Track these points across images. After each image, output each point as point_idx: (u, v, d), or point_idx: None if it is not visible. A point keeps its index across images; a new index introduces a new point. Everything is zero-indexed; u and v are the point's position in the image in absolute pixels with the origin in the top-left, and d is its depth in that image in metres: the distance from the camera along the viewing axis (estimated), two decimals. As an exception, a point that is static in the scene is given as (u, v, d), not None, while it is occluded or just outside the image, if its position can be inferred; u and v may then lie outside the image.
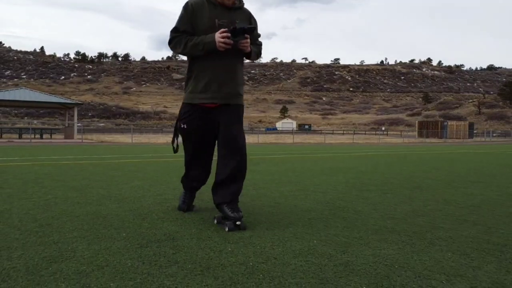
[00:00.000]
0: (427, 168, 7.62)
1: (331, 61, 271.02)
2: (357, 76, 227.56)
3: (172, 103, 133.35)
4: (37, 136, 27.32)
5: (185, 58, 2.76)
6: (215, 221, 2.63)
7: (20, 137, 26.46)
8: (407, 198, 3.98)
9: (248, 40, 2.51)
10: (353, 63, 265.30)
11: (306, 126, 74.94)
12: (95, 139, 26.39)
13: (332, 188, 4.60)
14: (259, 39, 2.88)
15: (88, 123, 74.59)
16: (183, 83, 2.90)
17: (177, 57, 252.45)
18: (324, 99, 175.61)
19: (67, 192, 4.03)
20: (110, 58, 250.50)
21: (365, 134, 55.47)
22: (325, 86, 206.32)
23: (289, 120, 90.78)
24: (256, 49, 2.77)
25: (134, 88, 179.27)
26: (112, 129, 62.01)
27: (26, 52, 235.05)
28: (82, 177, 5.34)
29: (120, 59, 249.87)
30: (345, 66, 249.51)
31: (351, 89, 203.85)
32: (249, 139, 33.58)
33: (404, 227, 2.71)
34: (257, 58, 2.83)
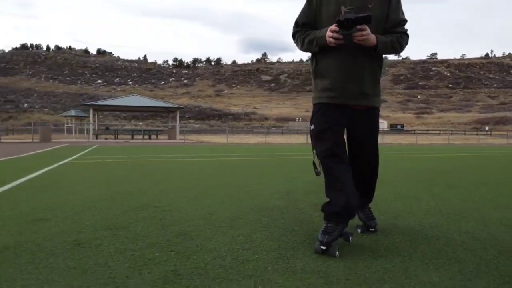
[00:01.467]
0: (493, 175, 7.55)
1: (427, 56, 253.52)
2: (457, 71, 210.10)
3: (261, 104, 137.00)
4: (146, 136, 30.78)
5: (273, 59, 2.62)
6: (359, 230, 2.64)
7: (132, 138, 30.09)
8: None
9: (365, 31, 2.10)
10: (452, 58, 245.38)
11: (398, 126, 71.79)
12: (195, 140, 28.91)
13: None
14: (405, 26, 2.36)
15: (185, 124, 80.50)
16: (272, 84, 2.77)
17: (265, 59, 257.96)
18: (419, 97, 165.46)
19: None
20: (204, 63, 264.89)
21: (464, 134, 51.63)
22: (420, 83, 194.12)
23: (380, 120, 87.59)
24: (391, 39, 2.27)
25: (226, 91, 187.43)
26: (207, 130, 66.06)
27: (131, 61, 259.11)
28: (232, 171, 6.55)
29: (212, 63, 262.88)
30: (444, 61, 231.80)
31: (450, 85, 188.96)
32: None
33: None
34: (395, 51, 2.31)
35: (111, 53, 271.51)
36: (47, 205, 3.58)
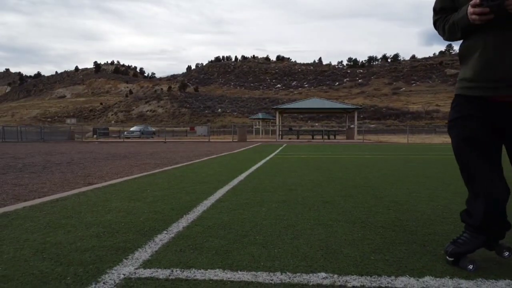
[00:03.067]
0: None
1: None
2: None
3: (445, 101, 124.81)
4: (325, 136, 32.62)
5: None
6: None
7: (312, 138, 32.35)
8: None
9: None
10: None
11: None
12: (373, 139, 29.22)
13: None
14: None
15: (361, 124, 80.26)
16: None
17: (451, 51, 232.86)
18: None
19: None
20: (380, 60, 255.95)
21: None
22: None
23: None
24: None
25: (404, 88, 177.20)
26: (383, 130, 64.37)
27: (307, 64, 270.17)
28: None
29: (389, 60, 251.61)
30: None
31: None
32: None
33: None
34: None
35: (289, 58, 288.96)
36: (290, 182, 5.11)
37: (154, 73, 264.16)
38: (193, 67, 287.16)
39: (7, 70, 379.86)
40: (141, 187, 4.71)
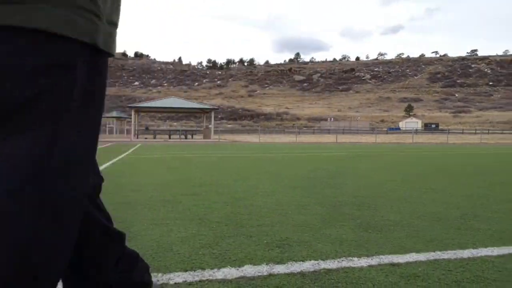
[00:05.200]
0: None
1: (467, 53, 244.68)
2: (498, 68, 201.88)
3: (293, 104, 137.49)
4: (182, 136, 32.59)
5: (307, 59, 1.92)
6: None
7: (169, 137, 31.98)
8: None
9: None
10: (494, 54, 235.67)
11: (433, 126, 70.69)
12: (228, 139, 30.39)
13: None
14: None
15: (218, 124, 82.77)
16: (305, 84, 1.81)
17: (298, 59, 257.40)
18: (456, 95, 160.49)
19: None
20: (237, 63, 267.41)
21: (501, 133, 50.46)
22: (458, 81, 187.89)
23: (414, 119, 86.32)
24: None
25: (258, 91, 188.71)
26: (239, 130, 67.48)
27: (167, 63, 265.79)
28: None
29: (245, 64, 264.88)
30: (484, 58, 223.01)
31: (490, 83, 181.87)
32: (368, 139, 34.17)
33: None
34: None
35: (148, 55, 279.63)
36: (136, 183, 4.94)
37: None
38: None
39: None
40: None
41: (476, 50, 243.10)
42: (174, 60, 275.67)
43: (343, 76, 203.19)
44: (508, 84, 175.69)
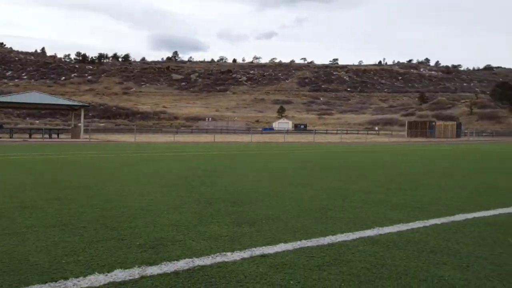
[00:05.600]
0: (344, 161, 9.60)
1: (330, 61, 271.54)
2: (355, 76, 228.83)
3: (171, 103, 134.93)
4: (45, 135, 29.28)
5: (185, 58, 2.02)
6: None
7: (30, 137, 28.42)
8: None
9: None
10: (351, 63, 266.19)
11: (302, 126, 76.84)
12: (100, 139, 28.34)
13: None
14: None
15: (89, 123, 76.54)
16: (183, 83, 1.95)
17: (176, 58, 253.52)
18: (321, 99, 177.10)
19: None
20: (110, 59, 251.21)
21: (357, 133, 57.37)
22: (323, 86, 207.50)
23: (285, 120, 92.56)
24: None
25: (134, 89, 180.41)
26: (113, 129, 63.60)
27: (27, 53, 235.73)
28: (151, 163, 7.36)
29: (120, 59, 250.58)
30: (343, 67, 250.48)
31: (348, 89, 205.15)
32: (244, 138, 35.47)
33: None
34: None
35: (2, 43, 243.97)
36: (-20, 189, 4.26)
37: None
38: None
39: None
40: None
41: (337, 59, 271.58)
42: (36, 51, 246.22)
43: (221, 77, 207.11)
44: (362, 91, 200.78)
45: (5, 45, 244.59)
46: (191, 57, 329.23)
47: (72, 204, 3.49)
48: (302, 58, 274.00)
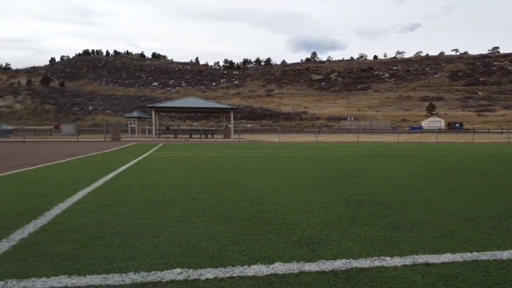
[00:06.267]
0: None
1: (489, 50, 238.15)
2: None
3: (312, 104, 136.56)
4: (203, 136, 32.78)
5: (323, 58, 2.00)
6: None
7: (190, 137, 32.19)
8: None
9: None
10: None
11: (457, 125, 69.17)
12: (248, 139, 30.38)
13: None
14: None
15: (237, 124, 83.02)
16: (323, 83, 1.99)
17: (315, 58, 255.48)
18: (480, 94, 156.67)
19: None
20: (254, 63, 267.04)
21: (528, 132, 48.90)
22: (481, 79, 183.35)
23: (437, 119, 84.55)
24: None
25: (276, 91, 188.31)
26: (258, 129, 67.45)
27: (184, 63, 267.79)
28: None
29: (262, 63, 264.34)
30: (507, 55, 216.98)
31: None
32: (390, 138, 33.67)
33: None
34: None
35: (165, 56, 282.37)
36: (160, 181, 4.98)
37: (9, 64, 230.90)
38: (57, 59, 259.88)
39: None
40: (-19, 193, 4.08)
41: (497, 47, 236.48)
42: (191, 61, 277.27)
43: (361, 75, 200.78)
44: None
45: (166, 57, 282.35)
46: (329, 56, 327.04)
47: (231, 199, 3.79)
48: (453, 49, 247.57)
